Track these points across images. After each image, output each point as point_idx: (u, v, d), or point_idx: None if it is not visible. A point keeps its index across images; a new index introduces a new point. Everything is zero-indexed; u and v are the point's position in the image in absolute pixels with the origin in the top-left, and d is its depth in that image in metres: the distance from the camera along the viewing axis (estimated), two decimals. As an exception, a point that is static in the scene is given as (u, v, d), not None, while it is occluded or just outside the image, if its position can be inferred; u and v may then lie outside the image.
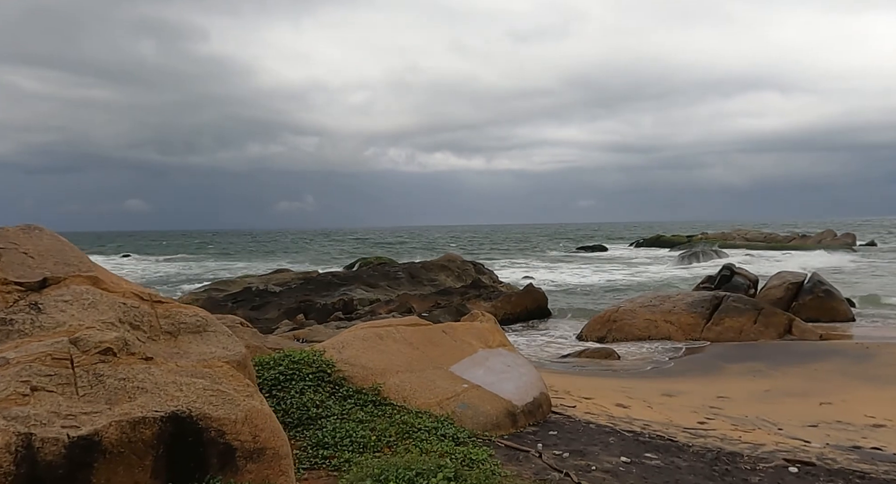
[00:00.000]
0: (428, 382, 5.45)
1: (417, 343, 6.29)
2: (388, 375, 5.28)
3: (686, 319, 14.94)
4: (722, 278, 19.70)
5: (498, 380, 6.14)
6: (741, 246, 54.75)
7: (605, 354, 12.34)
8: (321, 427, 4.09)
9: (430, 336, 6.59)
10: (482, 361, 6.58)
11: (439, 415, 4.99)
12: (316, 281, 20.75)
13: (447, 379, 5.70)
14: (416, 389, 5.25)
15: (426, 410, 4.98)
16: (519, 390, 6.10)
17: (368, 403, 4.75)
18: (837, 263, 36.71)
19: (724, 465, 5.00)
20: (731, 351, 12.57)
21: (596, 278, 32.83)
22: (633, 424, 6.46)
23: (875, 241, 58.49)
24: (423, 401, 5.11)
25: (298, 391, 4.46)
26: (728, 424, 6.76)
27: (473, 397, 5.47)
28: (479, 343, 7.02)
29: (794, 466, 5.08)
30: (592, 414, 6.85)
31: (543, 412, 6.39)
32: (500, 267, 39.48)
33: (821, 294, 17.54)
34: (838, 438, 6.44)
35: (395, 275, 23.03)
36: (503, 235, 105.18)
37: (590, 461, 4.76)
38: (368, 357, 5.45)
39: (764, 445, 5.84)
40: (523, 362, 7.04)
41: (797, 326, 14.72)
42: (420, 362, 5.86)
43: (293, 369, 4.67)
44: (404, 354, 5.90)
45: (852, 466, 5.27)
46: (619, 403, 7.66)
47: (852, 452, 5.82)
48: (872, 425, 7.05)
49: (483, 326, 7.52)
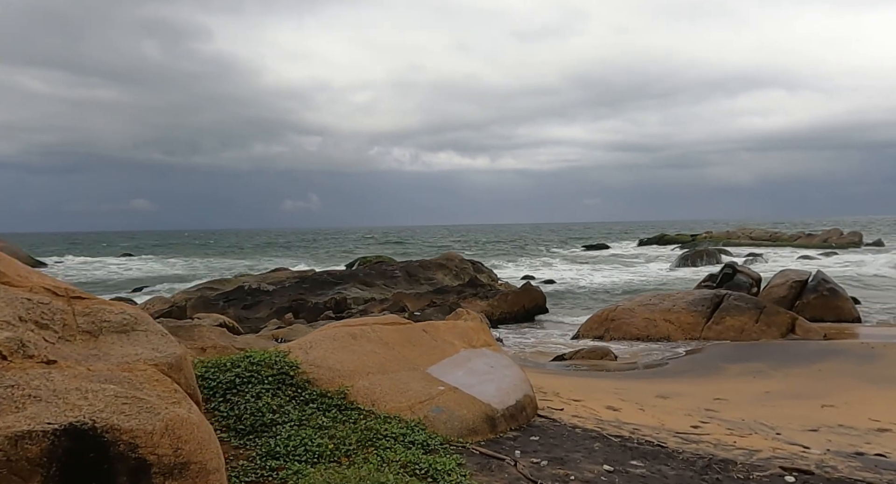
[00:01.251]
0: (400, 385, 5.14)
1: (394, 343, 5.98)
2: (356, 378, 4.97)
3: (686, 319, 14.57)
4: (724, 276, 19.29)
5: (478, 382, 5.82)
6: (746, 244, 54.20)
7: (601, 354, 12.00)
8: (275, 434, 3.79)
9: (409, 336, 6.28)
10: (463, 361, 6.26)
11: (410, 420, 4.68)
12: (311, 280, 20.49)
13: (422, 381, 5.39)
14: (387, 392, 4.94)
15: (396, 414, 4.67)
16: (500, 393, 5.78)
17: (332, 407, 4.44)
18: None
19: (714, 474, 4.67)
20: (732, 351, 12.20)
21: (597, 277, 32.44)
22: (621, 428, 6.13)
23: (882, 240, 57.72)
24: (394, 405, 4.80)
25: (254, 395, 4.16)
26: (723, 429, 6.42)
27: (449, 401, 5.16)
28: (462, 343, 6.71)
29: (791, 475, 4.74)
30: (580, 417, 6.52)
31: (527, 416, 6.07)
32: (502, 266, 39.16)
33: (825, 292, 17.12)
34: (840, 443, 6.09)
35: (391, 274, 22.74)
36: (507, 235, 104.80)
37: (569, 470, 4.44)
38: (337, 358, 5.15)
39: (760, 452, 5.50)
40: (508, 363, 6.72)
41: (800, 326, 14.33)
42: (394, 363, 5.55)
43: (251, 372, 4.37)
44: (378, 354, 5.59)
45: (854, 474, 4.92)
46: (609, 405, 7.33)
47: (854, 459, 5.47)
48: (877, 430, 6.69)
49: (467, 325, 7.20)
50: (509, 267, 39.18)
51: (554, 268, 39.03)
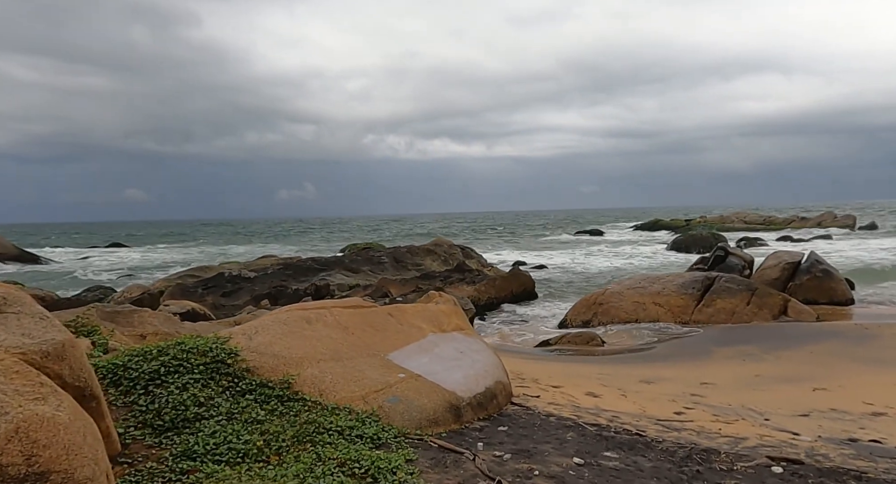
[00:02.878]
0: (355, 373, 4.70)
1: (353, 327, 5.53)
2: (305, 365, 4.53)
3: (676, 301, 14.20)
4: (716, 259, 18.93)
5: (444, 368, 5.39)
6: (740, 229, 53.97)
7: (587, 339, 11.62)
8: (198, 431, 3.35)
9: (371, 319, 5.83)
10: (430, 347, 5.83)
11: (362, 411, 4.25)
12: (295, 266, 20.00)
13: (381, 368, 4.95)
14: (339, 380, 4.50)
15: (346, 405, 4.24)
16: (468, 380, 5.35)
17: (273, 398, 4.00)
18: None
19: (695, 465, 4.27)
20: (722, 334, 11.84)
21: (589, 262, 32.09)
22: (600, 416, 5.73)
23: (876, 222, 57.59)
24: (345, 395, 4.36)
25: (180, 387, 3.71)
26: (708, 415, 6.04)
27: (409, 389, 4.73)
28: (431, 327, 6.27)
29: (779, 466, 4.35)
30: (557, 405, 6.12)
31: (499, 404, 5.66)
32: (494, 252, 38.75)
33: (818, 274, 16.78)
34: (832, 429, 5.72)
35: (378, 260, 22.27)
36: (503, 222, 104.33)
37: (535, 464, 4.02)
38: (285, 344, 4.70)
39: (746, 440, 5.12)
40: (481, 348, 6.29)
41: (793, 308, 13.98)
42: (352, 349, 5.11)
43: (180, 360, 3.92)
44: (334, 340, 5.15)
45: (847, 463, 4.54)
46: (590, 391, 6.94)
47: (847, 445, 5.10)
48: (871, 413, 6.33)
49: (438, 308, 6.76)
50: (502, 253, 38.76)
51: (546, 253, 38.64)
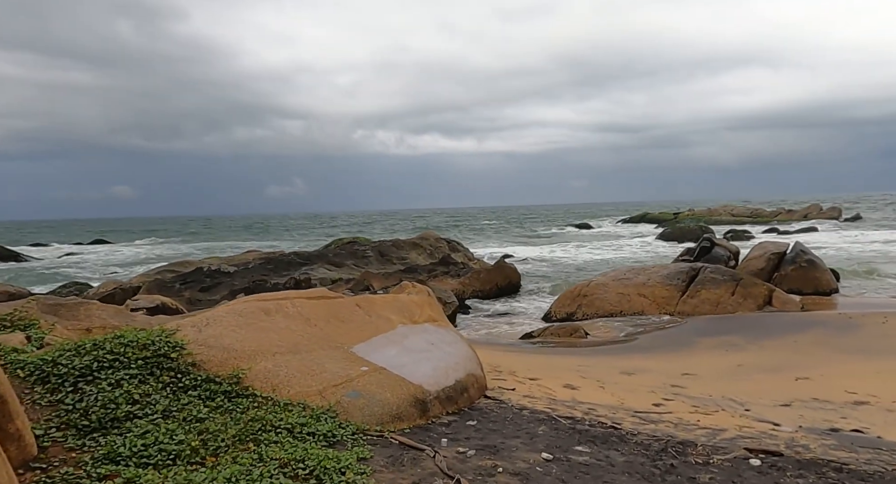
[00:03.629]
0: (314, 366, 4.43)
1: (317, 319, 5.26)
2: (259, 359, 4.25)
3: (661, 292, 14.07)
4: (702, 250, 18.85)
5: (412, 361, 5.14)
6: (728, 221, 54.23)
7: (571, 331, 11.44)
8: (127, 431, 3.06)
9: (337, 311, 5.56)
10: (399, 338, 5.58)
11: (318, 407, 3.99)
12: (276, 261, 19.64)
13: (343, 361, 4.69)
14: (295, 374, 4.23)
15: (301, 401, 3.98)
16: (437, 373, 5.11)
17: (219, 394, 3.73)
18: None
19: (670, 459, 4.06)
20: (706, 324, 11.72)
21: (577, 255, 32.00)
22: (575, 408, 5.52)
23: (860, 214, 58.21)
24: (300, 389, 4.10)
25: (113, 383, 3.42)
26: (688, 406, 5.85)
27: (371, 383, 4.47)
28: (401, 318, 6.02)
29: (757, 458, 4.15)
30: (532, 398, 5.90)
31: (470, 397, 5.43)
32: (482, 246, 38.56)
33: (803, 264, 16.75)
34: (814, 419, 5.55)
35: (363, 253, 21.95)
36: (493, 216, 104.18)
37: (500, 460, 3.79)
38: (238, 336, 4.42)
39: (725, 431, 4.93)
40: (453, 339, 6.05)
41: (777, 297, 13.91)
42: (313, 342, 4.84)
43: (116, 354, 3.62)
44: (294, 331, 4.87)
45: (828, 454, 4.36)
46: (568, 383, 6.73)
47: (829, 436, 4.93)
48: (854, 402, 6.19)
49: (409, 299, 6.51)
50: (491, 247, 38.58)
51: (534, 246, 38.52)
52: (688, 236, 36.66)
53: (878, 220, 52.39)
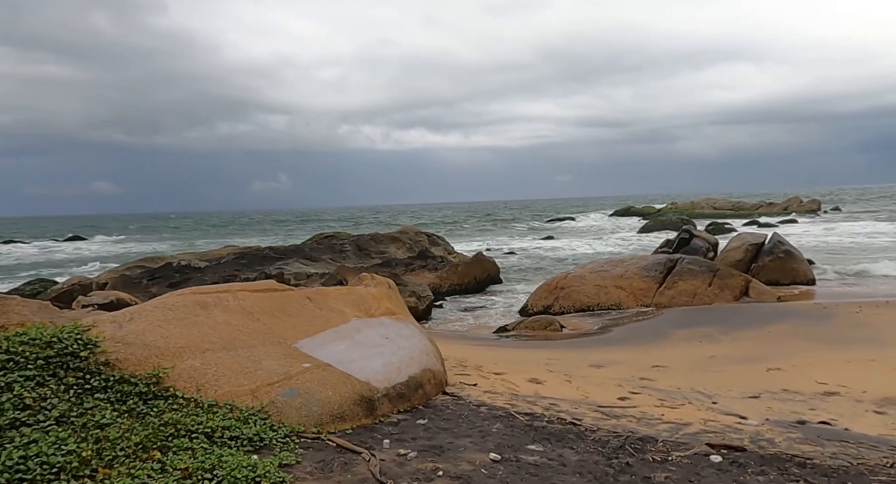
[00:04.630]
0: (249, 363, 4.11)
1: (261, 313, 4.94)
2: (185, 356, 3.92)
3: (638, 284, 13.93)
4: (680, 241, 18.78)
5: (362, 356, 4.85)
6: (710, 215, 54.63)
7: (545, 324, 11.23)
8: (9, 441, 2.72)
9: (283, 304, 5.24)
10: (351, 333, 5.28)
11: (248, 407, 3.69)
12: (251, 255, 19.17)
13: (283, 358, 4.38)
14: (225, 372, 3.91)
15: (228, 401, 3.67)
16: (388, 369, 4.82)
17: (132, 396, 3.40)
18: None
19: (627, 456, 3.83)
20: (682, 316, 11.59)
21: (559, 249, 31.91)
22: (536, 404, 5.28)
23: (839, 207, 59.11)
24: (230, 389, 3.78)
25: (3, 386, 3.07)
26: (654, 400, 5.64)
27: (311, 381, 4.17)
28: (356, 312, 5.71)
29: (718, 454, 3.94)
30: (493, 393, 5.65)
31: (426, 394, 5.15)
32: (466, 240, 38.31)
33: (781, 255, 16.75)
34: (782, 410, 5.38)
35: (341, 248, 21.55)
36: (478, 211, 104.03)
37: (443, 462, 3.52)
38: (164, 332, 4.08)
39: (689, 425, 4.72)
40: (411, 334, 5.76)
41: (754, 288, 13.85)
42: (253, 337, 4.52)
43: (12, 353, 3.28)
44: (233, 326, 4.55)
45: (792, 448, 4.16)
46: (534, 377, 6.50)
47: (795, 429, 4.74)
48: (823, 393, 6.03)
49: (367, 292, 6.20)
50: (474, 241, 38.36)
51: (517, 240, 38.38)
52: (669, 229, 36.79)
53: (856, 212, 53.21)
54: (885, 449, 4.19)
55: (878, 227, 35.99)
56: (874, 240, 28.36)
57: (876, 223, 38.55)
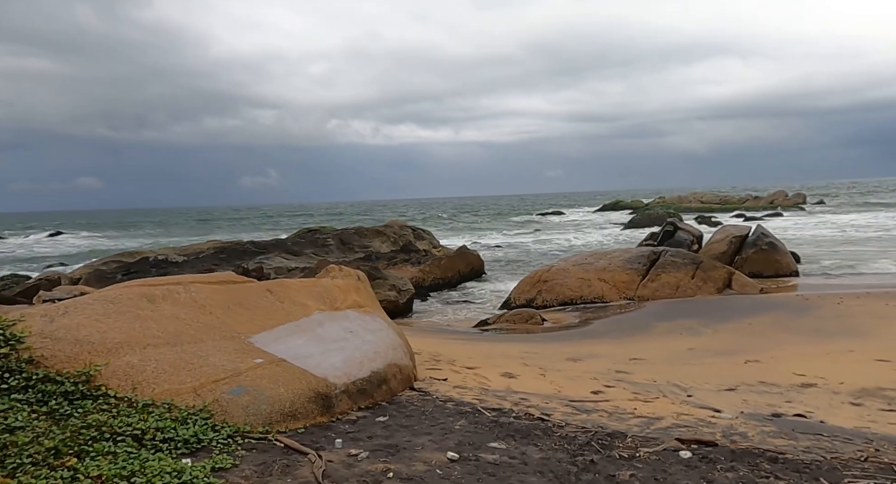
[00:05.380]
0: (194, 359, 3.87)
1: (215, 306, 4.69)
2: (122, 352, 3.68)
3: (621, 277, 13.81)
4: (665, 234, 18.73)
5: (321, 351, 4.63)
6: (697, 209, 54.90)
7: (527, 318, 11.07)
8: None
9: (242, 297, 4.99)
10: (312, 326, 5.05)
11: (189, 407, 3.45)
12: (230, 250, 18.80)
13: (234, 353, 4.14)
14: (166, 369, 3.67)
15: (167, 400, 3.43)
16: (348, 364, 4.61)
17: (57, 396, 3.16)
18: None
19: (592, 453, 3.65)
20: (664, 308, 11.48)
21: (546, 242, 31.83)
22: (506, 399, 5.09)
23: (824, 200, 59.73)
24: (170, 387, 3.55)
25: None
26: (628, 393, 5.49)
27: (262, 377, 3.94)
28: (319, 304, 5.48)
29: (688, 449, 3.78)
30: (463, 388, 5.45)
31: (391, 390, 4.95)
32: (454, 235, 38.10)
33: (764, 247, 16.74)
34: (757, 403, 5.24)
35: (324, 242, 21.24)
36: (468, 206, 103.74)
37: (396, 463, 3.32)
38: (101, 327, 3.83)
39: (661, 420, 4.56)
40: (378, 327, 5.55)
41: (737, 280, 13.79)
42: (202, 332, 4.27)
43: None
44: (181, 320, 4.30)
45: (765, 442, 4.02)
46: (507, 372, 6.32)
47: (770, 422, 4.60)
48: (801, 385, 5.92)
49: (332, 284, 5.97)
50: (463, 235, 38.17)
51: (505, 234, 38.26)
52: (656, 222, 36.79)
53: (840, 205, 53.78)
54: (860, 442, 4.06)
55: (860, 219, 36.37)
56: (856, 233, 28.60)
57: (858, 216, 38.97)
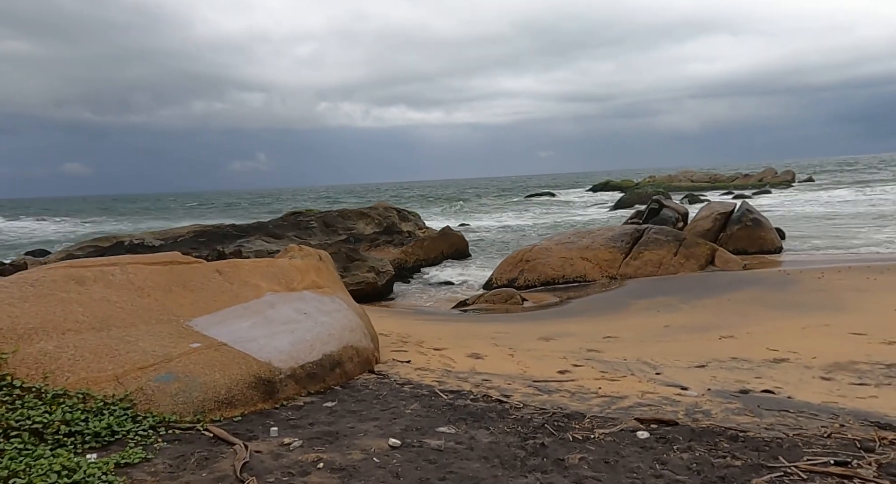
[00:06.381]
0: (121, 345, 3.63)
1: (154, 288, 4.43)
2: (36, 339, 3.42)
3: (604, 255, 13.65)
4: (650, 212, 18.56)
5: (268, 334, 4.39)
6: (687, 188, 54.83)
7: (506, 298, 10.89)
8: None
9: (186, 278, 4.73)
10: (263, 308, 4.81)
11: (108, 396, 3.21)
12: (210, 233, 18.44)
13: (168, 337, 3.89)
14: (85, 356, 3.42)
15: (83, 389, 3.19)
16: (297, 347, 4.38)
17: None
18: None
19: (545, 436, 3.47)
20: (644, 286, 11.34)
21: (533, 222, 31.64)
22: (467, 380, 4.91)
23: (813, 177, 59.85)
24: (87, 375, 3.30)
25: None
26: (595, 372, 5.32)
27: (196, 363, 3.70)
28: (273, 285, 5.24)
29: (647, 429, 3.61)
30: (424, 370, 5.26)
31: (346, 373, 4.74)
32: (443, 216, 37.81)
33: (749, 223, 16.63)
34: (726, 380, 5.10)
35: (306, 225, 20.89)
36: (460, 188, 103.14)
37: (331, 452, 3.11)
38: (13, 311, 3.57)
39: (624, 399, 4.39)
40: (336, 308, 5.32)
41: (720, 257, 13.68)
42: (135, 315, 4.02)
43: None
44: (113, 304, 4.04)
45: (727, 420, 3.85)
46: (475, 352, 6.13)
47: (736, 399, 4.45)
48: (773, 360, 5.78)
49: (289, 264, 5.72)
50: (451, 217, 37.88)
51: (493, 216, 38.02)
52: (644, 201, 36.64)
53: (829, 182, 53.87)
54: (825, 417, 3.91)
55: (848, 195, 36.44)
56: (844, 209, 28.62)
57: (846, 192, 39.04)
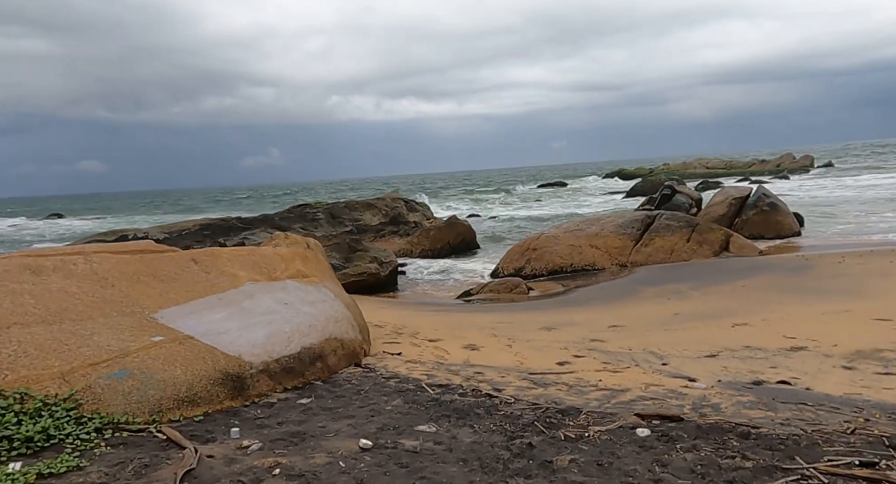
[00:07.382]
0: (72, 339, 3.37)
1: (120, 278, 4.17)
2: (-18, 333, 3.16)
3: (613, 243, 13.20)
4: (662, 198, 18.02)
5: (242, 326, 4.12)
6: (702, 175, 53.70)
7: (511, 287, 10.55)
8: None
9: (157, 268, 4.47)
10: (239, 299, 4.53)
11: (51, 395, 2.95)
12: (216, 226, 18.33)
13: (129, 330, 3.63)
14: (29, 352, 3.17)
15: (22, 388, 2.94)
16: (272, 340, 4.10)
17: None
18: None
19: (534, 435, 3.14)
20: (655, 273, 10.91)
21: (545, 212, 31.12)
22: (458, 373, 4.59)
23: (832, 162, 58.24)
24: (29, 373, 3.05)
25: None
26: (598, 363, 4.97)
27: (155, 358, 3.43)
28: (253, 275, 4.96)
29: (648, 425, 3.27)
30: (415, 363, 4.96)
31: (328, 367, 4.46)
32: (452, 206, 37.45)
33: (765, 208, 16.04)
34: (739, 370, 4.71)
35: (313, 216, 20.69)
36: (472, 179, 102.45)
37: (291, 456, 2.82)
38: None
39: (626, 392, 4.04)
40: (320, 298, 5.03)
41: (735, 242, 13.15)
42: (95, 307, 3.76)
43: None
44: (71, 295, 3.78)
45: (738, 415, 3.49)
46: (471, 344, 5.81)
47: (748, 390, 4.07)
48: (790, 348, 5.37)
49: (271, 252, 5.44)
50: (462, 207, 37.48)
51: (504, 205, 37.55)
52: (658, 189, 35.86)
53: (847, 168, 52.33)
54: (848, 411, 3.53)
55: (869, 180, 35.28)
56: (864, 194, 27.66)
57: (867, 177, 37.82)
